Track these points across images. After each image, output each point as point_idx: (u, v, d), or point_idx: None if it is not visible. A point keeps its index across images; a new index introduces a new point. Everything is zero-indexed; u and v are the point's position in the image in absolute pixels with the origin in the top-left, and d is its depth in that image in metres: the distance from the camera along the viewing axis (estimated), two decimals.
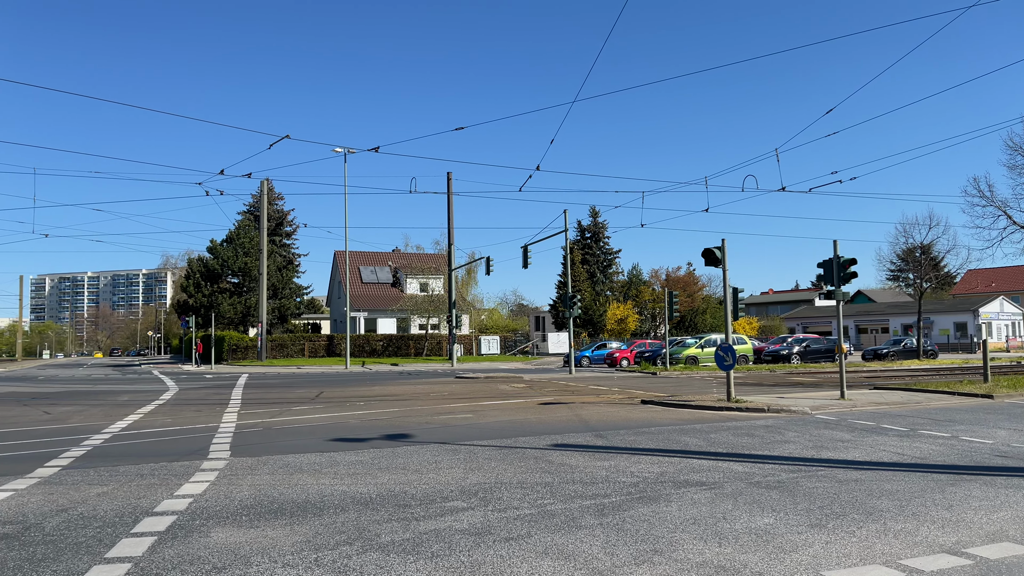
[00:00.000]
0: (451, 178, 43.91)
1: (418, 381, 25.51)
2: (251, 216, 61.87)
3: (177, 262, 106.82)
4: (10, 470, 8.34)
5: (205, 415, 14.54)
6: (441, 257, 63.42)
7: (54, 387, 26.18)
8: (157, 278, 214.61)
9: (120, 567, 4.68)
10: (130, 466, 8.50)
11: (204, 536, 5.41)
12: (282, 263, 60.24)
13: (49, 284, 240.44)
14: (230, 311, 54.59)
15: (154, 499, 6.67)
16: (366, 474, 7.78)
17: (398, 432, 11.33)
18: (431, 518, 5.85)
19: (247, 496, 6.76)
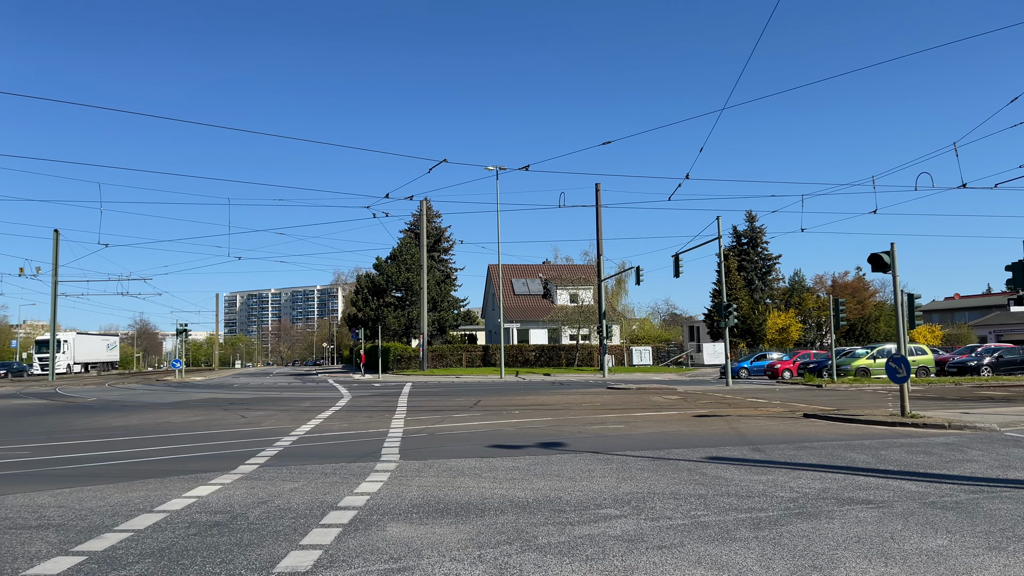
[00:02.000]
0: (599, 189, 44.10)
1: (570, 391, 25.86)
2: (412, 234, 65.46)
3: (347, 278, 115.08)
4: (217, 467, 9.56)
5: (376, 421, 15.70)
6: (590, 268, 63.62)
7: (247, 394, 29.18)
8: (330, 293, 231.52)
9: (313, 553, 5.32)
10: (315, 465, 9.46)
11: (381, 530, 5.99)
12: (440, 277, 63.13)
13: (240, 301, 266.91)
14: (395, 323, 57.99)
15: (337, 495, 7.42)
16: (523, 479, 8.16)
17: (552, 440, 11.67)
18: (585, 523, 6.08)
19: (416, 496, 7.35)
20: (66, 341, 73.49)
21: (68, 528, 6.22)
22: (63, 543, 5.71)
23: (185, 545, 5.61)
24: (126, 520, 6.48)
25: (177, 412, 19.70)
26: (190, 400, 25.37)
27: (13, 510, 7.00)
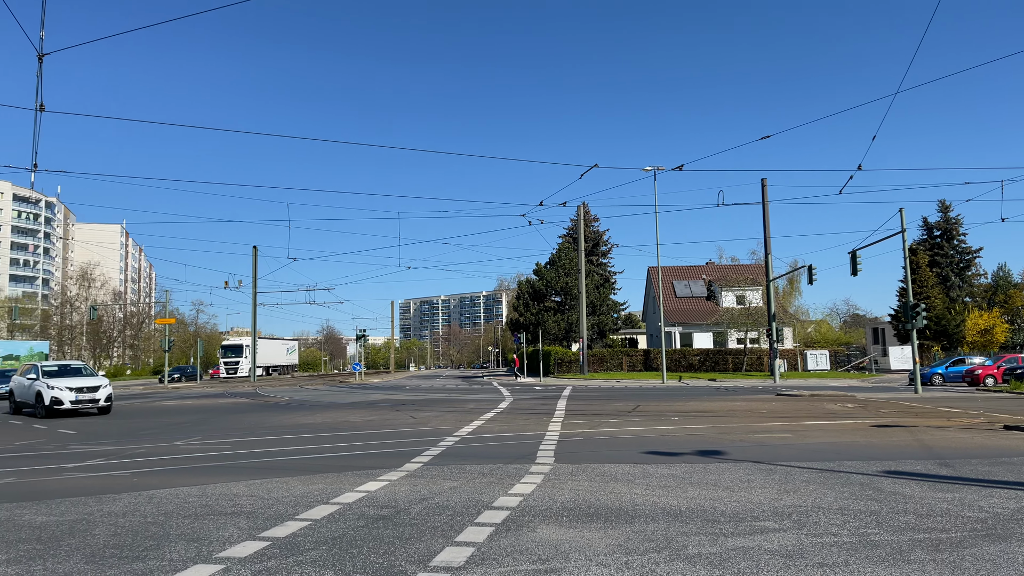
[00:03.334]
0: (765, 185, 41.96)
1: (735, 397, 24.82)
2: (570, 239, 65.96)
3: (510, 284, 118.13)
4: (386, 464, 10.23)
5: (534, 424, 16.01)
6: (758, 268, 60.62)
7: (418, 395, 30.84)
8: (494, 299, 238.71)
9: (466, 550, 5.57)
10: (474, 465, 9.85)
11: (531, 531, 6.13)
12: (599, 281, 63.04)
13: (413, 307, 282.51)
14: (554, 327, 58.69)
15: (492, 495, 7.68)
16: (676, 487, 7.99)
17: (711, 448, 11.30)
18: (739, 535, 5.85)
19: (567, 499, 7.44)
20: (247, 346, 74.93)
21: (257, 516, 6.95)
22: (251, 529, 6.40)
23: (354, 536, 6.08)
24: (305, 510, 7.13)
25: (356, 412, 21.25)
26: (367, 401, 27.25)
27: (212, 498, 7.93)
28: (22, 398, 22.93)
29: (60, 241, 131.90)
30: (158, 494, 8.20)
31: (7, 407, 25.81)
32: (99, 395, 21.53)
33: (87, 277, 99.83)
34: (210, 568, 5.21)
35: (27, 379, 22.72)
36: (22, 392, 22.94)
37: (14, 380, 24.09)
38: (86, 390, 21.30)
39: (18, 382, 23.52)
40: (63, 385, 21.09)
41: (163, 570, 5.19)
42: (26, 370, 23.79)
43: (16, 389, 23.47)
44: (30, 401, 22.04)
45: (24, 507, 7.59)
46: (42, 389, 21.15)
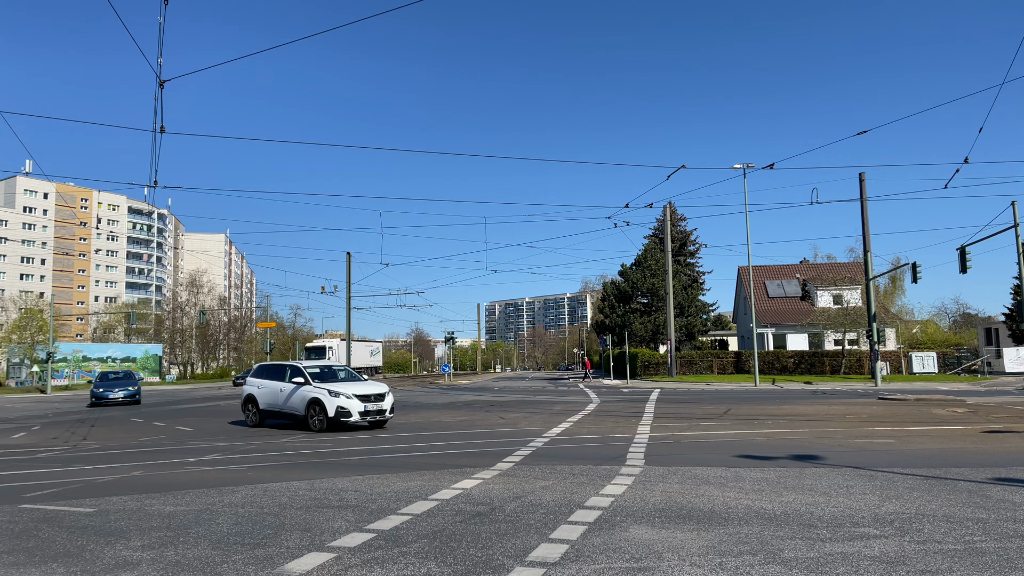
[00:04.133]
0: (864, 179, 40.15)
1: (832, 401, 23.92)
2: (656, 239, 65.09)
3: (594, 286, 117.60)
4: (479, 463, 10.55)
5: (622, 426, 16.03)
6: (856, 266, 58.05)
7: (505, 397, 31.27)
8: (579, 301, 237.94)
9: (560, 547, 5.76)
10: (565, 466, 10.03)
11: (624, 531, 6.26)
12: (687, 282, 61.92)
13: (498, 309, 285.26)
14: (641, 329, 58.04)
15: (584, 495, 7.84)
16: (771, 491, 7.91)
17: (807, 453, 11.04)
18: (838, 541, 5.79)
19: (659, 500, 7.51)
20: (331, 348, 73.88)
21: (361, 509, 7.37)
22: (358, 521, 6.81)
23: (453, 530, 6.38)
24: (406, 505, 7.50)
25: (447, 412, 21.81)
26: (457, 402, 27.86)
27: (320, 492, 8.44)
28: (272, 405, 17.96)
29: (171, 250, 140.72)
30: (271, 487, 8.79)
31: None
32: (385, 404, 16.76)
33: (195, 283, 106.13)
34: (324, 556, 5.61)
35: (288, 383, 17.53)
36: (274, 398, 17.88)
37: (256, 383, 18.65)
38: (373, 399, 16.50)
39: (268, 387, 18.18)
40: (349, 392, 16.33)
41: (282, 557, 5.63)
42: (273, 371, 18.58)
43: (263, 394, 18.23)
44: (293, 410, 17.23)
45: (153, 498, 8.31)
46: (321, 396, 16.31)
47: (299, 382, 17.13)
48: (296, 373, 17.61)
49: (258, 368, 19.40)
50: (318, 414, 16.38)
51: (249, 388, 18.78)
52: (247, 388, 18.82)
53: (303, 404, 16.84)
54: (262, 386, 18.39)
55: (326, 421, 16.21)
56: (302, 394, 16.95)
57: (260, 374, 18.95)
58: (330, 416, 16.12)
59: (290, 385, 17.41)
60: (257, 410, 18.40)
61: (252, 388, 18.71)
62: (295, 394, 17.19)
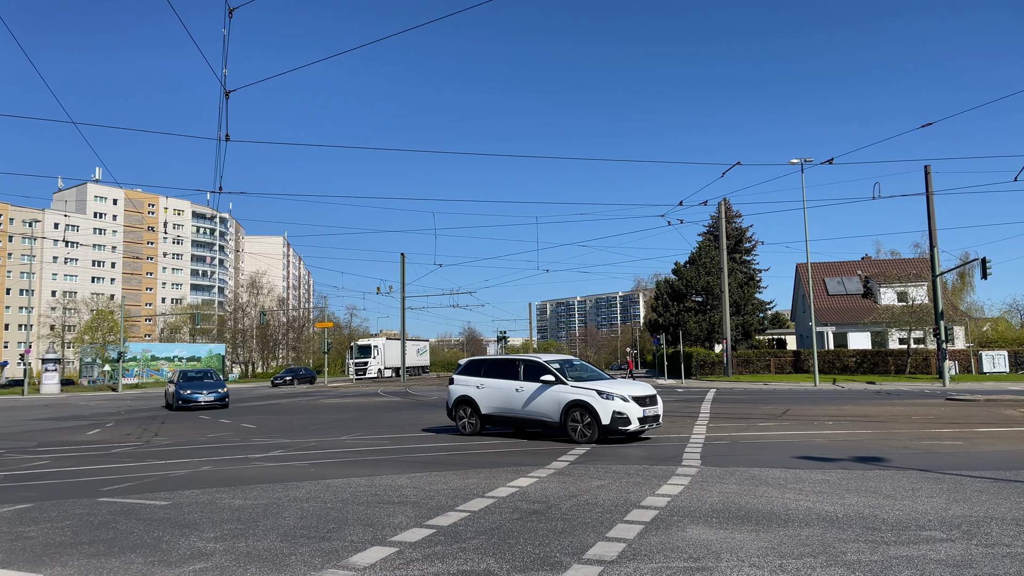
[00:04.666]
0: (929, 172, 38.76)
1: (897, 402, 23.19)
2: (710, 237, 64.11)
3: (647, 284, 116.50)
4: (534, 461, 10.64)
5: (677, 426, 15.90)
6: (922, 262, 56.03)
7: None
8: (631, 299, 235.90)
9: (617, 545, 5.79)
10: (620, 465, 10.03)
11: (681, 531, 6.26)
12: (743, 280, 60.81)
13: (549, 308, 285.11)
14: (696, 328, 57.26)
15: (639, 495, 7.85)
16: (832, 493, 7.77)
17: (870, 455, 10.78)
18: (902, 544, 5.67)
19: (716, 501, 7.46)
20: (376, 346, 73.29)
21: (421, 505, 7.54)
22: (417, 517, 6.98)
23: (510, 527, 6.48)
24: (464, 502, 7.64)
25: None
26: None
27: (380, 488, 8.65)
28: (504, 409, 14.43)
29: (232, 253, 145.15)
30: (333, 483, 9.06)
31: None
32: (660, 409, 13.92)
33: (255, 285, 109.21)
34: (386, 550, 5.78)
35: (528, 381, 14.02)
36: (505, 400, 14.33)
37: (474, 382, 15.04)
38: (648, 401, 13.50)
39: (495, 387, 14.56)
40: (625, 393, 13.27)
41: (346, 550, 5.82)
42: (499, 367, 14.91)
43: (487, 395, 14.67)
44: (541, 415, 13.71)
45: (223, 492, 8.66)
46: (588, 399, 13.07)
47: (547, 380, 13.65)
48: (537, 369, 14.10)
49: (470, 364, 15.77)
50: (583, 421, 13.02)
51: (462, 388, 15.18)
52: (458, 388, 15.24)
53: (557, 409, 13.35)
54: (484, 385, 14.77)
55: (597, 430, 12.86)
56: (554, 396, 13.43)
57: (477, 371, 15.22)
58: (604, 424, 12.83)
59: (532, 384, 13.91)
60: (478, 415, 14.79)
61: (467, 388, 15.07)
62: (543, 395, 13.64)
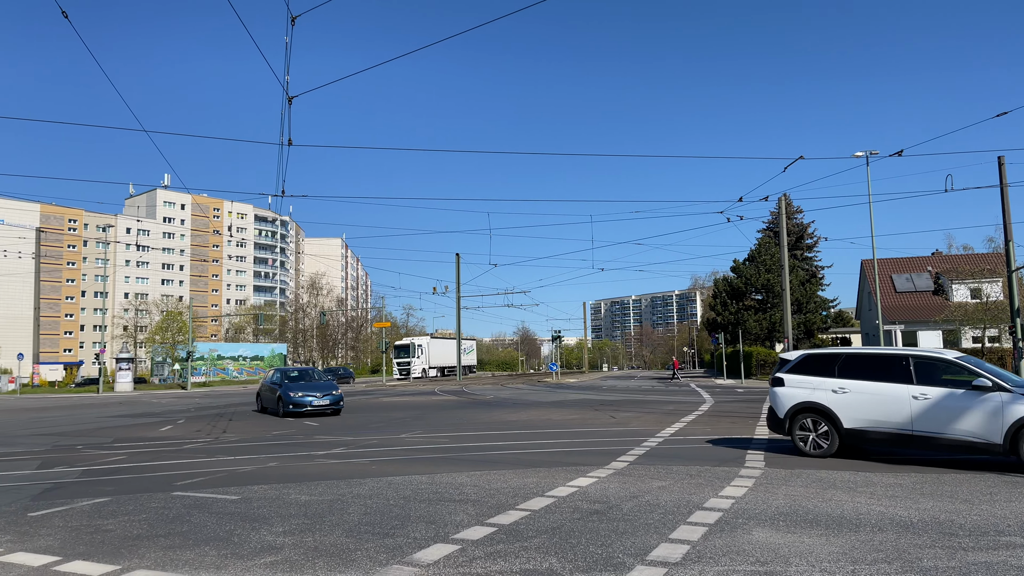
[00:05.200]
0: (1003, 163, 36.95)
1: None
2: (770, 233, 62.65)
3: (704, 283, 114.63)
4: (592, 461, 10.58)
5: (739, 427, 15.58)
6: (997, 257, 53.50)
7: (615, 396, 31.06)
8: (688, 298, 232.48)
9: (681, 547, 5.72)
10: (680, 466, 9.89)
11: (747, 533, 6.13)
12: (804, 277, 59.21)
13: (604, 308, 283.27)
14: (755, 327, 56.03)
15: (702, 496, 7.72)
16: (905, 497, 7.50)
17: (944, 457, 10.35)
18: (981, 550, 5.43)
19: (782, 504, 7.28)
20: (419, 345, 72.04)
21: (481, 504, 7.59)
22: (478, 515, 7.02)
23: (571, 527, 6.46)
24: (524, 501, 7.65)
25: (557, 411, 21.93)
26: (566, 400, 27.94)
27: (441, 486, 8.74)
28: (886, 424, 10.17)
29: (293, 255, 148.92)
30: (395, 480, 9.20)
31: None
32: None
33: (315, 286, 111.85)
34: (449, 548, 5.84)
35: (925, 386, 9.95)
36: (890, 411, 10.13)
37: (830, 385, 10.92)
38: None
39: (870, 393, 10.44)
40: None
41: (410, 547, 5.90)
42: (870, 365, 10.66)
43: (857, 403, 10.52)
44: (963, 436, 9.47)
45: (289, 488, 8.89)
46: None
47: (980, 385, 9.45)
48: (942, 368, 10.13)
49: (812, 359, 11.54)
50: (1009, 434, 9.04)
51: (803, 392, 11.19)
52: (795, 393, 11.30)
53: (998, 427, 9.17)
54: (848, 389, 10.67)
55: (1009, 443, 9.06)
56: (989, 407, 9.31)
57: (828, 368, 11.13)
58: None
59: (937, 390, 9.82)
60: (837, 430, 10.67)
61: (813, 393, 11.06)
62: (963, 406, 9.53)
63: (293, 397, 21.53)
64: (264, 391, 24.25)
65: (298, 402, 21.45)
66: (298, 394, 21.61)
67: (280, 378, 23.45)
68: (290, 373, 24.41)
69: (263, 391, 24.41)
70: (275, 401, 22.40)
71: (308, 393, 21.72)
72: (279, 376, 23.76)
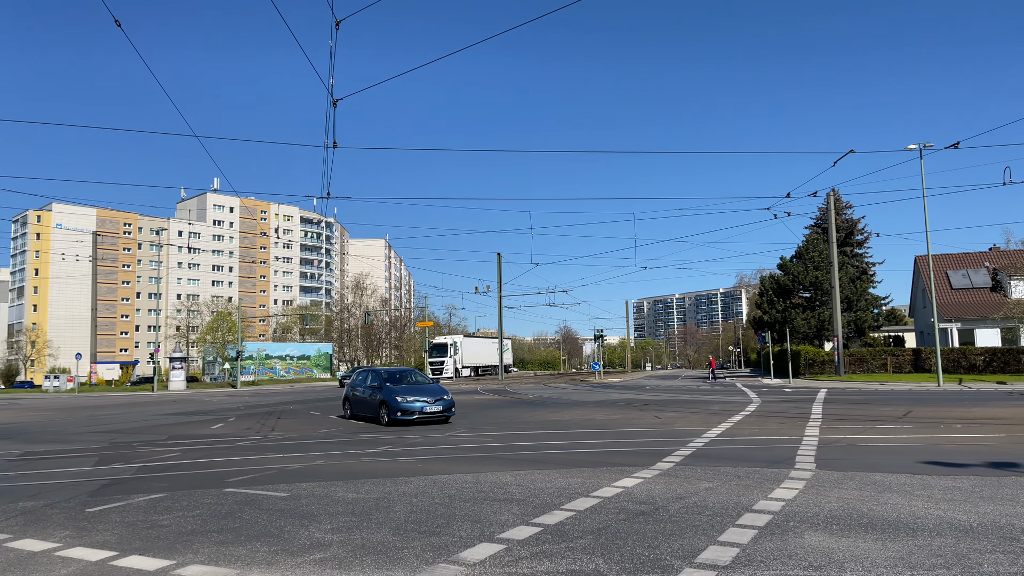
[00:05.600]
0: None
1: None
2: (818, 229, 61.27)
3: (750, 280, 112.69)
4: (638, 462, 10.48)
5: (788, 427, 15.26)
6: None
7: (659, 395, 30.74)
8: (733, 296, 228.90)
9: (730, 550, 5.61)
10: (728, 468, 9.73)
11: (798, 537, 5.99)
12: (854, 274, 57.75)
13: (647, 306, 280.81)
14: (803, 325, 54.85)
15: (751, 498, 7.58)
16: (964, 501, 7.23)
17: (1005, 460, 9.97)
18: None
19: (835, 507, 7.10)
20: (453, 344, 71.04)
21: (526, 503, 7.58)
22: (523, 515, 7.01)
23: (617, 528, 6.40)
24: (569, 501, 7.62)
25: (600, 410, 21.81)
26: (609, 400, 27.76)
27: (485, 485, 8.76)
28: None
29: (338, 256, 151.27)
30: (440, 479, 9.26)
31: None
32: None
33: (360, 286, 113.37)
34: (495, 547, 5.84)
35: None
36: None
37: None
38: None
39: None
40: None
41: (455, 545, 5.92)
42: None
43: None
44: None
45: (336, 485, 9.01)
46: None
47: None
48: None
49: None
50: None
51: None
52: None
53: None
54: None
55: None
56: None
57: None
58: None
59: None
60: None
61: None
62: None
63: (401, 403, 18.12)
64: (356, 394, 20.55)
65: (407, 408, 18.06)
66: (407, 399, 18.27)
67: (377, 380, 19.75)
68: (389, 374, 20.29)
69: (356, 394, 20.59)
70: (375, 407, 19.00)
71: (418, 398, 18.34)
72: (374, 378, 20.04)
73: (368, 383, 20.10)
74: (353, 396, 20.84)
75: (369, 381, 20.14)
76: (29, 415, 27.85)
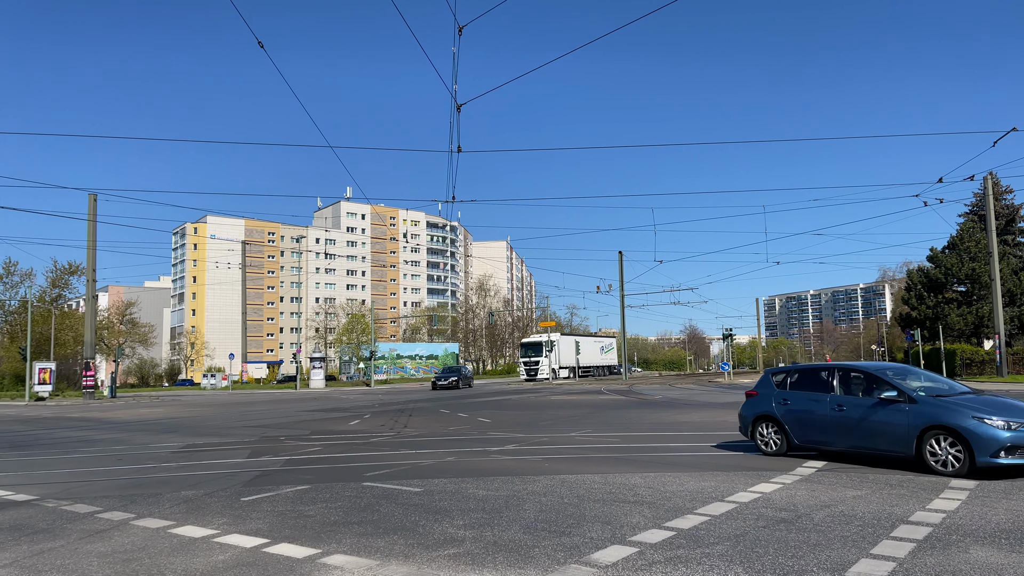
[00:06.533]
0: None
1: None
2: (974, 217, 56.08)
3: (895, 274, 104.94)
4: (775, 466, 9.96)
5: None
6: None
7: None
8: (875, 291, 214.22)
9: (886, 564, 5.20)
10: (877, 475, 9.05)
11: (963, 552, 5.46)
12: (1017, 265, 52.34)
13: (779, 304, 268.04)
14: (958, 322, 50.37)
15: (906, 509, 7.00)
16: None
17: None
18: None
19: (1003, 520, 6.43)
20: (548, 342, 64.24)
21: (657, 506, 7.39)
22: (655, 518, 6.84)
23: (756, 536, 6.10)
24: (702, 505, 7.36)
25: (730, 412, 20.98)
26: (740, 401, 26.65)
27: (614, 486, 8.63)
28: None
29: (462, 259, 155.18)
30: (568, 479, 9.22)
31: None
32: None
33: (483, 288, 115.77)
34: (627, 550, 5.72)
35: None
36: None
37: None
38: None
39: None
40: None
41: (587, 546, 5.86)
42: None
43: None
44: None
45: (467, 482, 9.19)
46: None
47: None
48: None
49: None
50: None
51: None
52: None
53: None
54: None
55: None
56: None
57: None
58: None
59: None
60: None
61: None
62: None
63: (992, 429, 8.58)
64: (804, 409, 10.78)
65: None
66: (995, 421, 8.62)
67: (891, 386, 9.71)
68: (896, 371, 10.48)
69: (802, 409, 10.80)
70: (893, 434, 9.42)
71: None
72: (866, 382, 10.21)
73: (851, 390, 10.34)
74: (793, 411, 10.90)
75: (852, 388, 10.36)
76: (190, 410, 30.51)
